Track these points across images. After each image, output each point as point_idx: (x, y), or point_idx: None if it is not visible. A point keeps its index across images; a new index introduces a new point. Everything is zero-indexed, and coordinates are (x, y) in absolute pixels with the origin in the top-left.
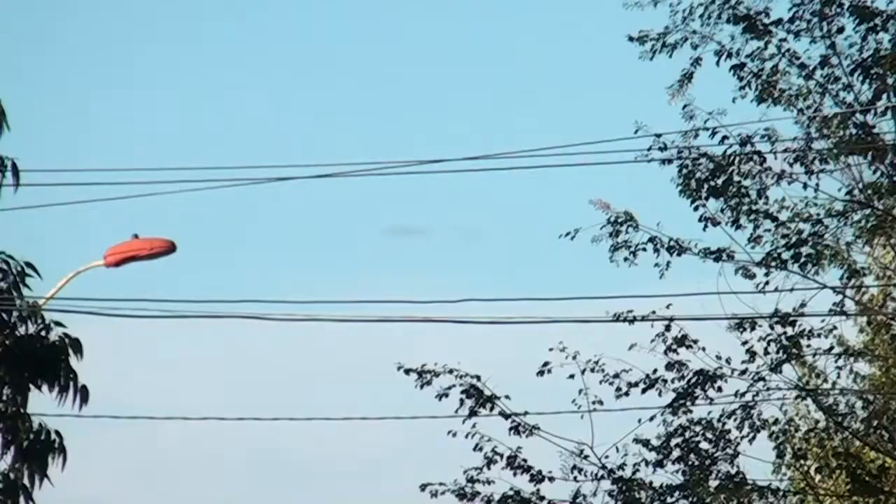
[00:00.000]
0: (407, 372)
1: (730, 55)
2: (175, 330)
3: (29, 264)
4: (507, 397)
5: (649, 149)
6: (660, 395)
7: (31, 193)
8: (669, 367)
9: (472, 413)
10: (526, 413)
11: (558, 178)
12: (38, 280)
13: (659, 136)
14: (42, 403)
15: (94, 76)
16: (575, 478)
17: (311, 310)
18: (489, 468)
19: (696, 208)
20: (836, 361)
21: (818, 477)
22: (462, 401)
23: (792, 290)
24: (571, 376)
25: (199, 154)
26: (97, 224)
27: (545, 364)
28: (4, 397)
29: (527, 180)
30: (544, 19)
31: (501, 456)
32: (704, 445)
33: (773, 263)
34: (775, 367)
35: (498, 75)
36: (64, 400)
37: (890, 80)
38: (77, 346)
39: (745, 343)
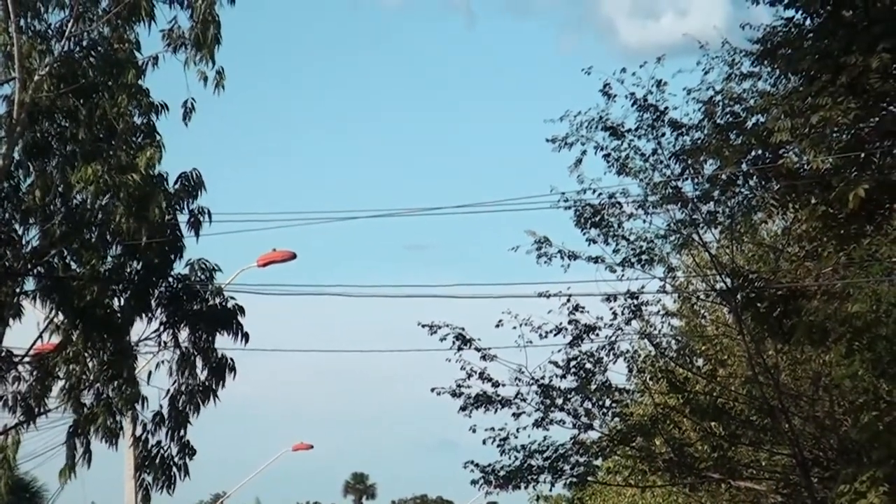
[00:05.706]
0: (423, 325)
1: (602, 148)
2: (296, 302)
3: (217, 266)
4: (479, 339)
5: (558, 201)
6: (564, 337)
7: (215, 225)
8: (570, 322)
9: (459, 349)
10: (489, 348)
11: (509, 217)
12: (219, 273)
13: (563, 193)
14: (222, 342)
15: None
16: (517, 384)
17: (371, 290)
18: (469, 379)
19: (584, 234)
20: (661, 319)
21: (651, 383)
22: (454, 342)
23: (637, 279)
24: (514, 327)
25: (306, 200)
26: (252, 242)
27: (499, 321)
28: (203, 339)
29: (492, 218)
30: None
31: (475, 372)
32: (588, 366)
33: (627, 264)
34: (628, 322)
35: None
36: (235, 340)
37: (689, 162)
38: (242, 309)
39: (611, 308)
